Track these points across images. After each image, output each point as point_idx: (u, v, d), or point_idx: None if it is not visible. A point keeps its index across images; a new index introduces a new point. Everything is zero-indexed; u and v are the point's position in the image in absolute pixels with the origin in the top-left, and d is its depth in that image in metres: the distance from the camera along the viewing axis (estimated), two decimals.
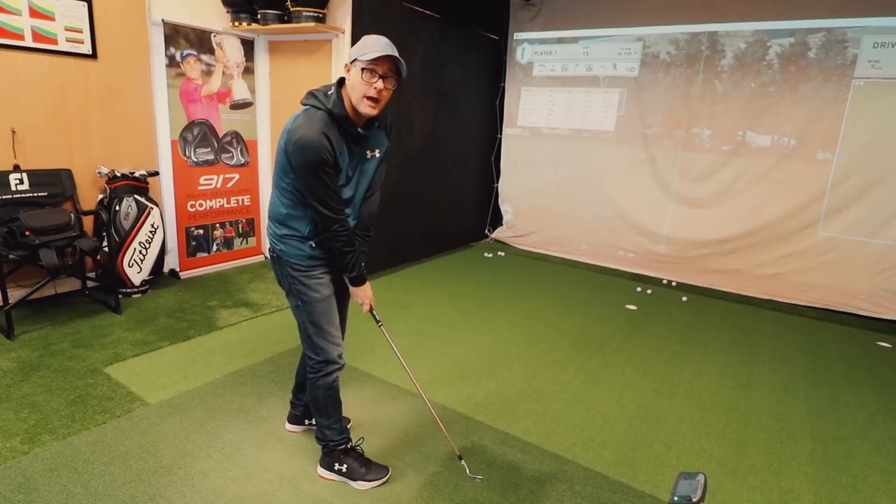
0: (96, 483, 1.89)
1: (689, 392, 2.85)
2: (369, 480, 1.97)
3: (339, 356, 1.93)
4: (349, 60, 1.70)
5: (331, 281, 1.89)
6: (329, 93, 1.71)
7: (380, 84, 1.66)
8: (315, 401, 1.95)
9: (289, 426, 2.30)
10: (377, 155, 1.85)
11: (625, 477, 2.12)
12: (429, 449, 2.22)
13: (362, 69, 1.65)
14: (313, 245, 1.82)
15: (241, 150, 4.54)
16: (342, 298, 2.04)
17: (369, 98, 1.67)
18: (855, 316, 4.22)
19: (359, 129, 1.74)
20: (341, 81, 1.75)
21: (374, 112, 1.70)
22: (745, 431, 2.50)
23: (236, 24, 4.19)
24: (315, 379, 1.91)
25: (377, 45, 1.66)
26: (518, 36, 5.78)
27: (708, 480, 1.08)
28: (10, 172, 3.17)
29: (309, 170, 1.66)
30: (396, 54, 1.67)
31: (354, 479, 1.97)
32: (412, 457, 2.17)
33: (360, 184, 1.86)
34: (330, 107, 1.68)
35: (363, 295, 1.92)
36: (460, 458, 2.10)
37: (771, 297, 4.55)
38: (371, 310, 1.97)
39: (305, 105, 1.73)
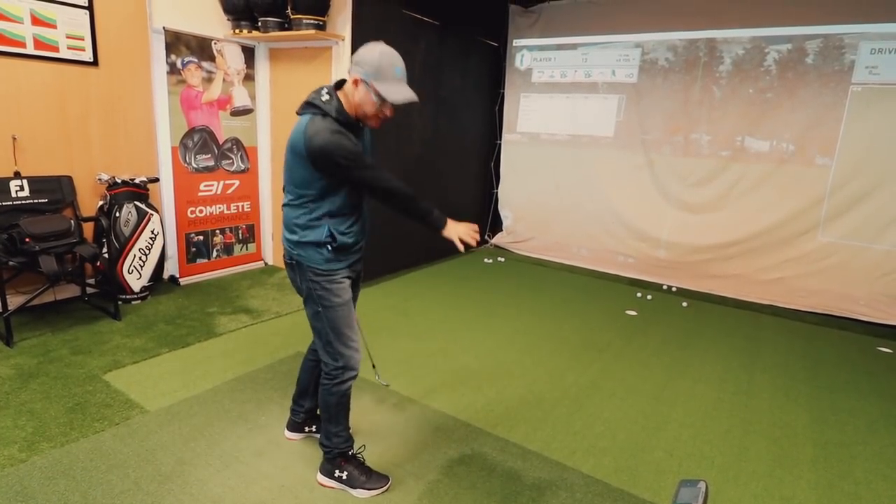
0: (94, 491, 1.88)
1: (689, 398, 2.84)
2: (369, 489, 1.96)
3: (358, 363, 1.92)
4: (361, 76, 1.69)
5: (350, 286, 1.90)
6: (325, 98, 1.72)
7: (389, 111, 1.75)
8: (327, 407, 1.94)
9: (288, 434, 2.29)
10: None
11: (626, 484, 2.11)
12: (428, 457, 2.21)
13: (376, 94, 1.69)
14: (329, 248, 1.80)
15: (241, 156, 4.55)
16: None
17: (377, 118, 1.76)
18: (855, 321, 4.21)
19: (359, 123, 1.80)
20: (338, 85, 1.77)
21: (377, 126, 1.80)
22: (746, 438, 2.49)
23: (237, 31, 4.21)
24: (330, 386, 1.90)
25: (401, 90, 1.70)
26: (517, 42, 5.81)
27: (709, 487, 1.07)
28: (10, 179, 3.18)
29: (339, 162, 1.66)
30: (415, 97, 1.72)
31: (354, 487, 1.96)
32: (412, 464, 2.16)
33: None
34: (335, 115, 1.70)
35: (454, 233, 1.78)
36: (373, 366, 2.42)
37: (771, 303, 4.55)
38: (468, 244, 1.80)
39: (304, 114, 1.74)
